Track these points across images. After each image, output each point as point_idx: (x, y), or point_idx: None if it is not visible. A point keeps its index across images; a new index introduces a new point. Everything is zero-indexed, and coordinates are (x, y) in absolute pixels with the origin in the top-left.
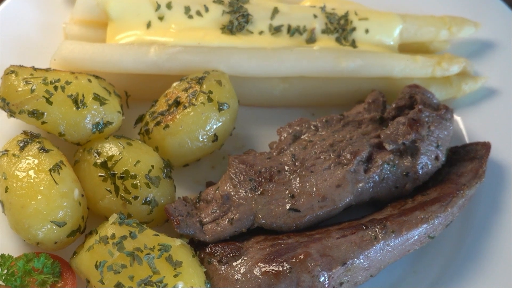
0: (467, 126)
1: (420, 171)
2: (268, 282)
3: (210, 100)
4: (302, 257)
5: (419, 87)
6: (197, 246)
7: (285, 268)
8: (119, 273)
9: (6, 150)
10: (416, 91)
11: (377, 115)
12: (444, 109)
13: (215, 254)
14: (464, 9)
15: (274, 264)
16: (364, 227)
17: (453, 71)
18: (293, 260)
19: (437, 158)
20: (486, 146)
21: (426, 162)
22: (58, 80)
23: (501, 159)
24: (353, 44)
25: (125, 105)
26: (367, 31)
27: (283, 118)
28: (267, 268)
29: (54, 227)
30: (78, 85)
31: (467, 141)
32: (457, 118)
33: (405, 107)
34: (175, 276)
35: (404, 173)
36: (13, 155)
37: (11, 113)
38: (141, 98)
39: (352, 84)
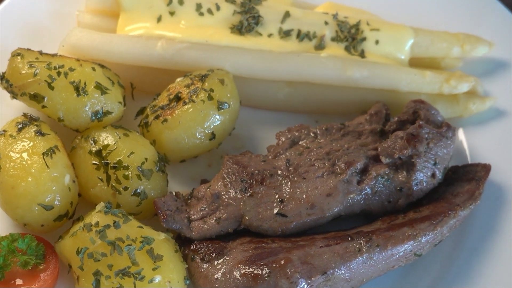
0: (470, 145)
1: (415, 187)
2: (246, 284)
3: (210, 98)
4: (282, 262)
5: (424, 102)
6: (183, 242)
7: (264, 272)
8: (98, 261)
9: (4, 131)
10: (421, 107)
11: (377, 127)
12: (446, 127)
13: (199, 252)
14: (479, 28)
15: (254, 267)
16: (349, 239)
17: (461, 90)
18: (273, 265)
19: (433, 175)
20: (486, 168)
21: (422, 178)
22: (62, 66)
23: (502, 182)
24: (362, 54)
25: (130, 96)
26: (377, 42)
27: (285, 123)
28: (247, 270)
29: (41, 210)
30: (82, 72)
31: (469, 161)
32: (461, 137)
33: (408, 122)
34: (154, 269)
35: (398, 188)
36: (10, 135)
37: (14, 95)
38: (147, 91)
39: (358, 94)
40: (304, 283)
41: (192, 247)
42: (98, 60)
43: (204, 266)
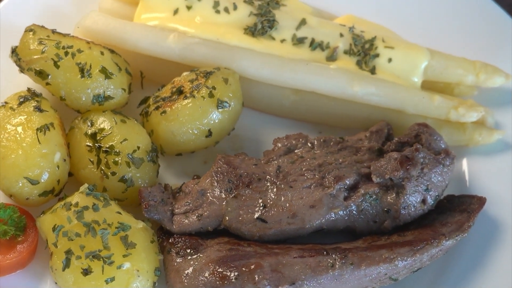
0: (472, 176)
1: (402, 210)
2: (213, 283)
3: (211, 95)
4: (252, 267)
5: (428, 127)
6: (164, 234)
7: (232, 274)
8: (72, 240)
9: (5, 103)
10: (424, 131)
11: (376, 146)
12: (444, 154)
13: (176, 245)
14: (499, 57)
15: (224, 267)
16: (324, 253)
17: (469, 119)
18: (243, 269)
19: (424, 201)
20: (481, 202)
21: (410, 203)
22: (71, 47)
23: (499, 217)
24: (373, 70)
25: (139, 85)
26: (390, 60)
27: (288, 130)
28: (216, 270)
29: (27, 183)
30: (89, 55)
31: (469, 192)
32: (464, 166)
33: (408, 144)
34: (125, 256)
35: (385, 209)
36: (10, 108)
37: (21, 69)
38: (156, 81)
39: (363, 110)
40: None
41: (170, 240)
42: (110, 46)
43: (178, 260)
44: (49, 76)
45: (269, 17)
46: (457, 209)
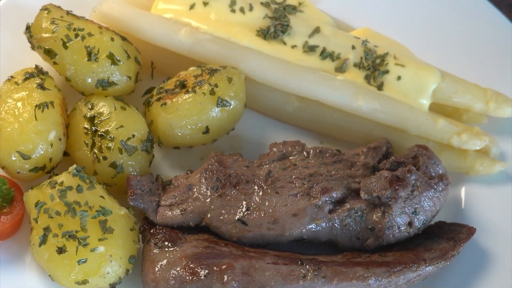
0: (468, 205)
1: (386, 230)
2: (182, 278)
3: (212, 92)
4: (224, 267)
5: (428, 150)
6: (148, 224)
7: (203, 271)
8: (52, 218)
9: (12, 77)
10: (423, 153)
11: (371, 162)
12: (438, 179)
13: (155, 236)
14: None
15: (196, 264)
16: (299, 262)
17: (471, 147)
18: (214, 268)
19: (410, 224)
20: (470, 232)
21: (395, 224)
22: (82, 30)
23: (488, 248)
24: (380, 86)
25: (149, 75)
26: (399, 78)
27: (289, 136)
28: (188, 266)
29: (19, 157)
30: (99, 40)
31: (462, 219)
32: (462, 193)
33: (404, 164)
34: (100, 240)
35: (370, 227)
36: (15, 82)
37: (32, 46)
38: (167, 73)
39: (365, 126)
40: None
41: (151, 231)
42: (124, 33)
43: (155, 251)
44: (57, 56)
45: (283, 21)
46: (445, 236)
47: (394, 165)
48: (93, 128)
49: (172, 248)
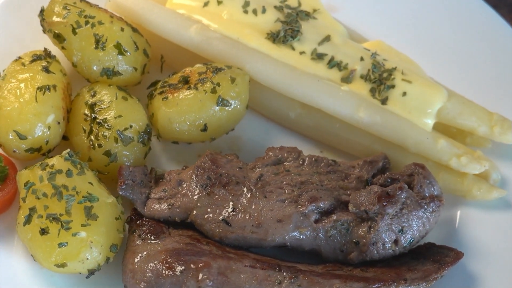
0: (462, 228)
1: (371, 246)
2: (158, 272)
3: (214, 91)
4: (201, 265)
5: (425, 169)
6: (136, 215)
7: (179, 267)
8: (38, 199)
9: (20, 57)
10: (419, 172)
11: (365, 176)
12: (430, 199)
13: (141, 228)
14: None
15: (174, 259)
16: (277, 269)
17: (470, 170)
18: (191, 265)
19: (396, 242)
20: (457, 256)
21: (380, 240)
22: (93, 17)
23: (476, 273)
24: (384, 101)
25: (159, 68)
26: (404, 93)
27: (289, 142)
28: (166, 260)
29: (15, 136)
30: (108, 28)
31: (453, 242)
32: (457, 216)
33: (398, 181)
34: (83, 225)
35: (355, 241)
36: (22, 63)
37: (43, 29)
38: (176, 68)
39: (366, 139)
40: None
41: (138, 222)
42: (136, 25)
43: (137, 242)
44: (65, 41)
45: (294, 26)
46: (431, 258)
47: (388, 181)
48: (92, 115)
49: (154, 241)
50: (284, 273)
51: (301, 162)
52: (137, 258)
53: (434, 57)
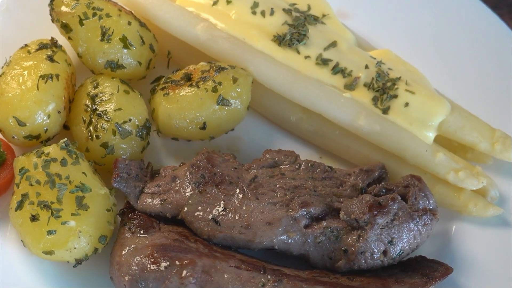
0: (455, 243)
1: (359, 255)
2: (143, 266)
3: (214, 90)
4: (185, 262)
5: (421, 181)
6: (129, 208)
7: (164, 262)
8: (31, 185)
9: (26, 45)
10: (415, 184)
11: (359, 184)
12: (423, 212)
13: (132, 221)
14: None
15: (160, 254)
16: (262, 271)
17: (467, 185)
18: (176, 262)
19: (384, 253)
20: (446, 271)
21: (369, 250)
22: (101, 10)
23: None
24: (386, 110)
25: (166, 64)
26: (407, 104)
27: (289, 145)
28: (152, 254)
29: (15, 122)
30: (115, 22)
31: (444, 256)
32: (452, 230)
33: (392, 192)
34: (73, 215)
35: (343, 249)
36: (28, 51)
37: (52, 18)
38: (183, 65)
39: (364, 147)
40: None
41: (130, 215)
42: (144, 20)
43: (126, 235)
44: (72, 31)
45: (300, 30)
46: (420, 272)
47: (382, 191)
48: (93, 106)
49: (143, 235)
50: (269, 276)
51: (297, 167)
52: (125, 251)
53: (442, 70)
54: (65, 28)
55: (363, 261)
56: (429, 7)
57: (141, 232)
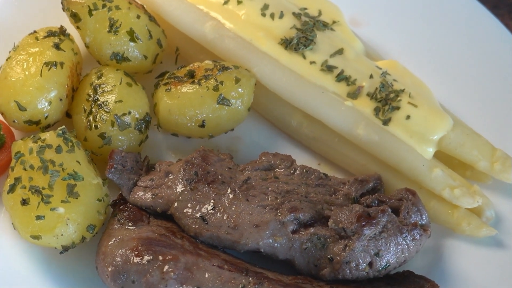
0: (447, 261)
1: (344, 265)
2: (126, 258)
3: (216, 89)
4: (168, 258)
5: (415, 196)
6: (122, 199)
7: (147, 256)
8: (25, 170)
9: (35, 32)
10: (409, 198)
11: (352, 194)
12: (413, 227)
13: (122, 213)
14: None
15: (144, 248)
16: (244, 273)
17: (462, 204)
18: (159, 257)
19: (370, 265)
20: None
21: (354, 260)
22: (111, 1)
23: None
24: (387, 121)
25: (174, 60)
26: (408, 117)
27: (288, 149)
28: (136, 247)
29: (16, 107)
30: (124, 14)
31: (433, 273)
32: (444, 247)
33: (385, 204)
34: (63, 202)
35: (329, 257)
36: (36, 37)
37: (63, 7)
38: (190, 61)
39: (362, 157)
40: (173, 286)
41: (121, 207)
42: (155, 14)
43: (115, 226)
44: (81, 21)
45: (308, 35)
46: (406, 287)
47: (375, 202)
48: (94, 96)
49: (131, 228)
50: (250, 278)
51: (292, 171)
52: (111, 242)
53: (451, 85)
54: (75, 17)
55: (348, 271)
56: (445, 22)
57: (130, 224)
